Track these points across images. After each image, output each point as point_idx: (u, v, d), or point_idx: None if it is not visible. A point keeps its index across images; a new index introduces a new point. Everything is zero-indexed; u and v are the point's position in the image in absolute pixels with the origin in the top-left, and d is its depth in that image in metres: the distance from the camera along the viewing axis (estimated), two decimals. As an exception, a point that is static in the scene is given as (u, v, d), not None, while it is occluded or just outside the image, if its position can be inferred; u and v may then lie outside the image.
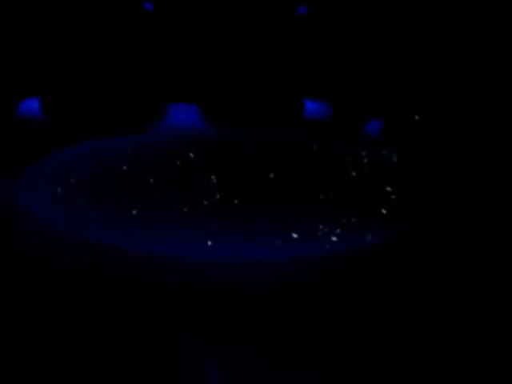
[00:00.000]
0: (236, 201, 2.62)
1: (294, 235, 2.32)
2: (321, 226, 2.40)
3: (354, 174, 3.07)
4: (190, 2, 4.28)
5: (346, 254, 2.29)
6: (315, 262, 2.26)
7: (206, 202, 2.63)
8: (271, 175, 2.94)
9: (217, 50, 4.35)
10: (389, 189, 2.85)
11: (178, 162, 3.07)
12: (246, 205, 2.63)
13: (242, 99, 4.28)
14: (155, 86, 4.28)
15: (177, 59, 4.33)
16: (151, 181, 2.87)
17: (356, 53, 4.31)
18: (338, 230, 2.37)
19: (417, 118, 4.08)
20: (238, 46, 4.35)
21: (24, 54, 4.16)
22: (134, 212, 2.54)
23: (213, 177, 2.87)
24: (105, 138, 3.66)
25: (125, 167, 3.02)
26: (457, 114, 3.96)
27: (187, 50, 4.33)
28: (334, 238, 2.36)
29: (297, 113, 4.28)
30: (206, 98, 4.23)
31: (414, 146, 3.73)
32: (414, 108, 4.15)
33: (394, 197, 2.78)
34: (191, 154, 3.14)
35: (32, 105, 4.09)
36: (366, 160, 3.30)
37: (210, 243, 2.30)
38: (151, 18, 4.28)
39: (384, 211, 2.60)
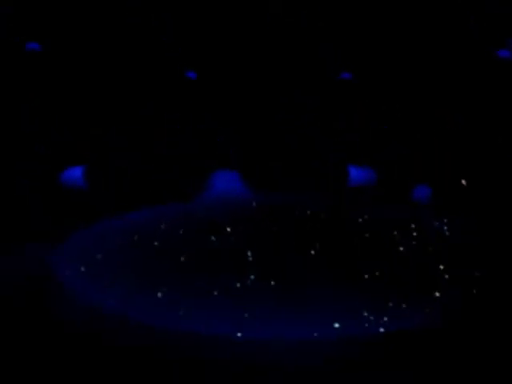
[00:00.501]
0: (273, 281, 2.50)
1: (336, 325, 2.18)
2: (365, 313, 2.25)
3: (402, 248, 2.91)
4: (232, 71, 4.28)
5: (388, 343, 2.15)
6: (356, 348, 2.13)
7: (240, 283, 2.52)
8: (312, 251, 2.82)
9: (260, 117, 4.32)
10: (442, 267, 2.68)
11: (216, 238, 2.99)
12: (284, 286, 2.51)
13: (285, 166, 4.22)
14: (198, 154, 4.26)
15: (220, 127, 4.31)
16: (187, 256, 2.80)
17: (397, 116, 4.24)
18: (385, 319, 2.22)
19: (464, 182, 3.96)
20: (281, 112, 4.32)
21: (66, 121, 4.20)
22: (164, 291, 2.46)
23: (250, 253, 2.77)
24: (147, 207, 3.63)
25: (161, 241, 2.96)
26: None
27: (230, 117, 4.32)
28: (382, 329, 2.22)
29: (341, 180, 4.20)
30: (250, 165, 4.18)
31: (468, 213, 3.59)
32: (461, 172, 4.04)
33: (447, 277, 2.61)
34: (231, 229, 3.06)
35: (75, 173, 4.10)
36: (416, 232, 3.16)
37: (239, 333, 2.18)
38: (193, 86, 4.29)
39: (437, 294, 2.43)
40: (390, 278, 2.55)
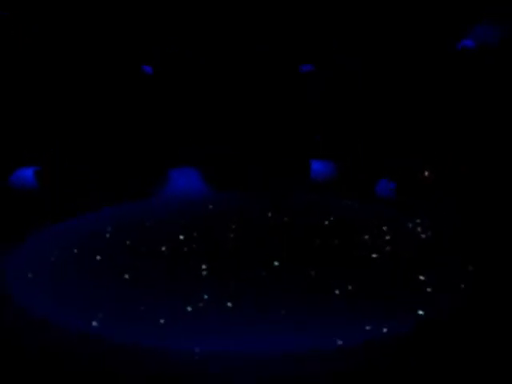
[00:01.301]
0: (229, 303, 2.35)
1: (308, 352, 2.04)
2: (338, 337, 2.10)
3: (375, 255, 2.78)
4: (188, 64, 4.13)
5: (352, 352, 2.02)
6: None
7: (202, 295, 2.38)
8: (276, 257, 2.68)
9: (217, 110, 4.19)
10: (421, 277, 2.54)
11: (171, 246, 2.85)
12: (244, 299, 2.37)
13: (245, 160, 4.10)
14: (155, 149, 4.11)
15: (176, 122, 4.17)
16: (144, 261, 2.66)
17: (359, 109, 4.15)
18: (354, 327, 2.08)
19: (427, 173, 3.88)
20: (239, 105, 4.18)
21: (18, 121, 4.02)
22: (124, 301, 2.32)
23: (207, 264, 2.64)
24: (103, 207, 3.50)
25: (116, 244, 2.85)
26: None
27: (187, 112, 4.17)
28: (340, 342, 2.08)
29: (303, 174, 4.09)
30: (207, 161, 4.05)
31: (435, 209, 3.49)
32: (423, 164, 3.97)
33: (429, 284, 2.46)
34: (185, 236, 2.92)
35: (26, 174, 3.93)
36: (387, 234, 3.03)
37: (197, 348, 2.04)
38: (150, 80, 4.13)
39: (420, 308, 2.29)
40: (360, 287, 2.42)
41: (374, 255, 2.76)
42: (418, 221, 3.24)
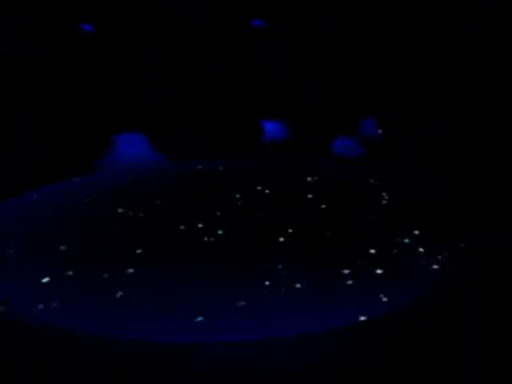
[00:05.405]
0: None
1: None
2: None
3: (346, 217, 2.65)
4: (130, 22, 3.90)
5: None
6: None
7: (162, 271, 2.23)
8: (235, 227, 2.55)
9: (163, 72, 3.98)
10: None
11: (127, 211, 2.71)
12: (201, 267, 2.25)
13: (194, 125, 3.93)
14: (98, 115, 3.87)
15: (119, 83, 3.94)
16: (96, 239, 2.51)
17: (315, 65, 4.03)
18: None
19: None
20: (185, 67, 3.99)
21: None
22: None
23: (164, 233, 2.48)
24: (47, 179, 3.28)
25: (64, 221, 2.72)
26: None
27: (132, 73, 3.95)
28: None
29: (255, 136, 3.95)
30: (154, 126, 3.86)
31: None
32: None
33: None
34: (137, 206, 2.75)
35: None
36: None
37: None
38: (91, 40, 3.87)
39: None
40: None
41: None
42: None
